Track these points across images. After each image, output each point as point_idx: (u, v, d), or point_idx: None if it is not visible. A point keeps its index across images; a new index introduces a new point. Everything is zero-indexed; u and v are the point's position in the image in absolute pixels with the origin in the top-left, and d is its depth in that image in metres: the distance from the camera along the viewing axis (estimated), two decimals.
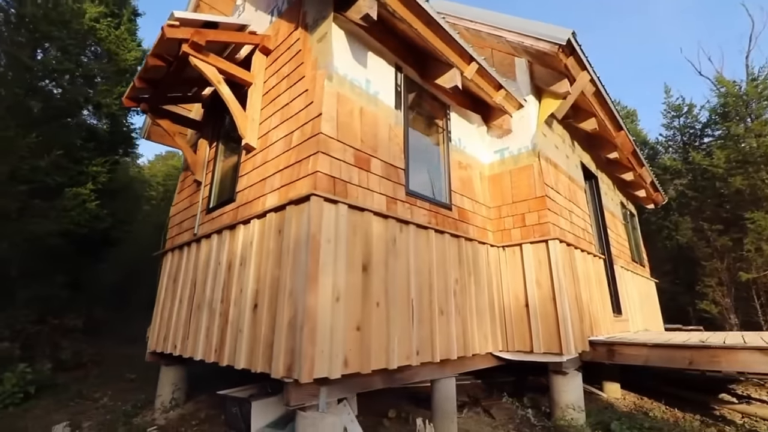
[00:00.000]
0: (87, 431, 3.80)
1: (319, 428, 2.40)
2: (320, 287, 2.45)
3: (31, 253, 5.94)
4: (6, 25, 5.58)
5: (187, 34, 3.18)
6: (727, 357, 3.40)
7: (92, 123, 6.58)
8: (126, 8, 7.12)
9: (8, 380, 4.63)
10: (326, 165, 2.76)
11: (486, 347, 3.92)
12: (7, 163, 5.04)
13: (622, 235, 7.32)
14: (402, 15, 3.19)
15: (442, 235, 3.66)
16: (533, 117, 4.65)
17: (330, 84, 2.98)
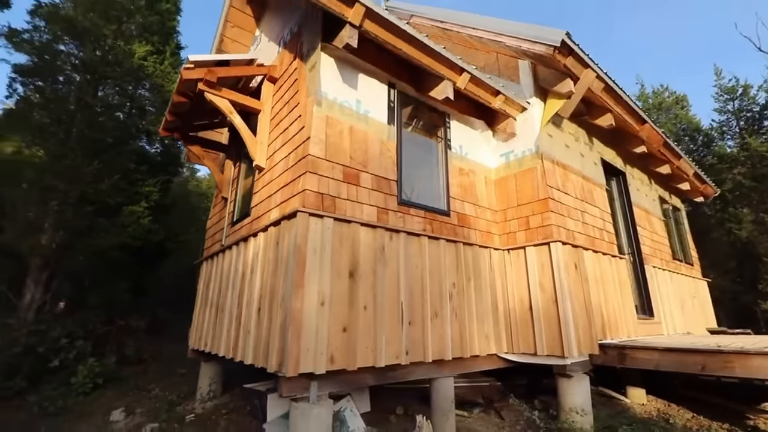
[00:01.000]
0: (138, 416, 4.44)
1: (308, 417, 2.71)
2: (306, 293, 2.77)
3: (99, 264, 6.94)
4: (73, 70, 6.61)
5: (201, 74, 3.68)
6: (741, 362, 3.22)
7: (144, 148, 7.57)
8: (169, 44, 8.09)
9: (81, 372, 5.49)
10: (314, 183, 3.08)
11: (488, 349, 4.02)
12: (77, 188, 6.00)
13: (660, 232, 6.89)
14: (384, 38, 3.44)
15: (436, 241, 3.83)
16: (537, 119, 4.65)
17: (319, 109, 3.31)
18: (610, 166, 6.06)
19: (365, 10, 3.17)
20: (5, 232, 6.00)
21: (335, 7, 3.09)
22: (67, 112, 6.28)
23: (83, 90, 6.42)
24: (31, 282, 6.20)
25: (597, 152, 5.72)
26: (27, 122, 6.14)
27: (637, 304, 5.80)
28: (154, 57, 7.63)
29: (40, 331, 5.85)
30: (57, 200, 5.91)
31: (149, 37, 7.62)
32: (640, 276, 5.88)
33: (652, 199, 7.17)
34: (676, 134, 13.12)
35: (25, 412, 4.70)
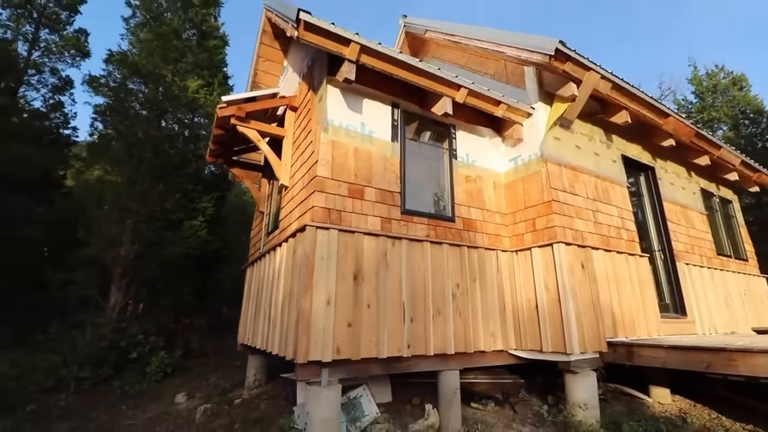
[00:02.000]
0: (197, 399, 5.27)
1: (319, 398, 3.23)
2: (314, 294, 3.29)
3: (167, 271, 8.09)
4: (141, 107, 7.83)
5: (232, 111, 4.38)
6: (745, 360, 3.21)
7: (199, 170, 8.70)
8: (217, 76, 9.20)
9: (154, 363, 6.52)
10: (321, 200, 3.61)
11: (494, 345, 4.28)
12: (147, 207, 7.13)
13: (700, 227, 6.55)
14: (381, 68, 3.88)
15: (439, 246, 4.18)
16: (542, 124, 4.80)
17: (326, 135, 3.83)
18: (635, 162, 5.94)
19: (360, 47, 3.64)
20: (93, 246, 7.31)
21: (333, 47, 3.59)
22: (138, 143, 7.49)
23: (149, 123, 7.62)
24: (114, 287, 7.45)
25: (616, 149, 5.66)
26: (106, 153, 7.44)
27: (669, 302, 5.66)
28: (204, 89, 8.75)
29: (122, 329, 7.03)
30: (132, 218, 7.09)
31: (200, 71, 8.76)
32: (671, 274, 5.70)
33: (692, 192, 6.82)
34: (734, 118, 11.93)
35: (111, 395, 5.76)
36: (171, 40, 8.06)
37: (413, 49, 7.89)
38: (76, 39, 10.24)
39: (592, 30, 48.69)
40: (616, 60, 42.51)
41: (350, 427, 3.77)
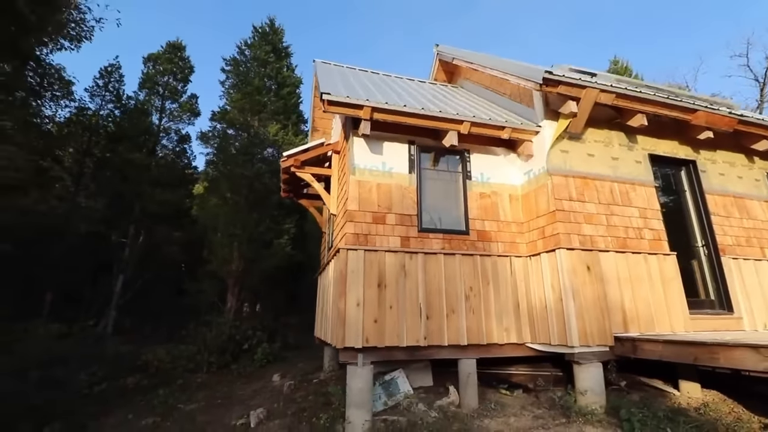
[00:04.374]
0: (287, 379, 6.90)
1: (355, 374, 4.42)
2: (347, 299, 4.50)
3: (266, 281, 10.17)
4: (237, 152, 10.05)
5: (291, 162, 5.87)
6: (725, 354, 3.50)
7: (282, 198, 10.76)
8: (291, 119, 11.12)
9: (259, 352, 8.46)
10: (351, 228, 4.81)
11: (508, 338, 4.99)
12: (246, 231, 9.20)
13: (763, 217, 6.14)
14: (392, 119, 4.94)
15: (452, 256, 5.06)
16: (548, 140, 5.31)
17: (353, 177, 5.04)
18: (670, 159, 5.94)
19: (371, 108, 4.77)
20: (213, 263, 9.67)
21: (350, 112, 4.79)
22: (237, 182, 9.68)
23: (244, 166, 9.76)
24: (230, 295, 9.71)
25: (641, 150, 5.77)
26: (217, 191, 9.79)
27: (714, 299, 5.58)
28: (282, 132, 10.73)
29: (237, 326, 9.17)
30: (236, 241, 9.24)
31: (278, 117, 10.77)
32: (716, 270, 5.60)
33: (754, 180, 6.40)
34: None
35: (230, 375, 7.77)
36: (254, 96, 10.19)
37: (448, 73, 8.69)
38: (190, 104, 13.38)
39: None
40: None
41: (387, 401, 4.89)
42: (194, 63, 14.19)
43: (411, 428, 4.26)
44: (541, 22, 65.64)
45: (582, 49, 58.15)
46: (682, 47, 44.23)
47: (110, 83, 14.28)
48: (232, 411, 5.54)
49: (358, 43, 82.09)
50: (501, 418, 4.45)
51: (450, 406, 4.77)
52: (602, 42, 55.03)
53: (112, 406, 6.06)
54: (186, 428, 5.15)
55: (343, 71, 7.12)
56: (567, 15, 63.75)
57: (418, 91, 6.82)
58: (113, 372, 7.30)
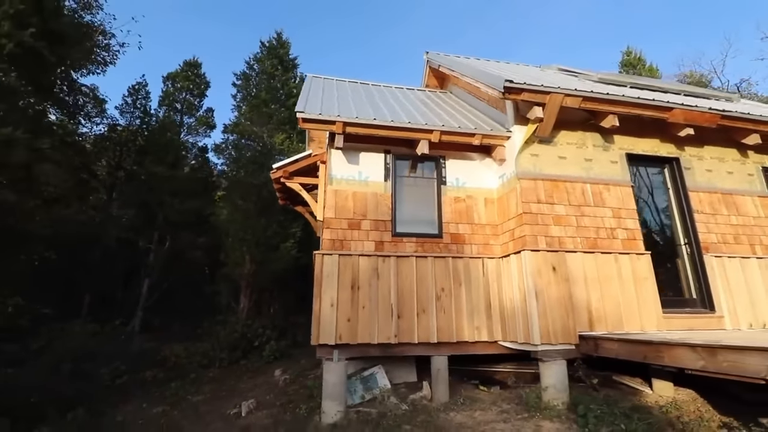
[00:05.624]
0: (287, 374, 7.40)
1: (331, 369, 4.81)
2: (322, 300, 4.90)
3: (276, 282, 10.79)
4: (247, 162, 10.74)
5: (280, 173, 6.34)
6: (668, 353, 3.63)
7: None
8: (296, 127, 11.70)
9: (267, 350, 9.03)
10: (328, 234, 5.21)
11: (479, 337, 5.22)
12: (255, 236, 9.84)
13: (753, 213, 5.99)
14: (365, 132, 5.29)
15: (425, 259, 5.35)
16: (518, 144, 5.48)
17: (331, 186, 5.43)
18: (650, 157, 5.94)
19: (343, 123, 5.14)
20: (228, 266, 10.37)
21: (324, 127, 5.19)
22: (248, 191, 10.35)
23: (254, 175, 10.42)
24: (242, 295, 10.38)
25: (618, 150, 5.80)
26: (229, 200, 10.49)
27: (696, 297, 5.55)
28: (287, 141, 11.32)
29: (248, 325, 9.80)
30: (245, 245, 9.89)
31: (284, 127, 11.36)
32: (698, 268, 5.56)
33: (746, 175, 6.25)
34: None
35: (239, 370, 8.39)
36: (261, 108, 10.84)
37: (438, 79, 8.91)
38: (206, 117, 14.33)
39: None
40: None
41: (365, 394, 5.26)
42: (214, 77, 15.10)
43: (380, 419, 4.60)
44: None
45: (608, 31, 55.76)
46: (709, 31, 41.74)
47: (138, 100, 15.47)
48: (231, 402, 6.08)
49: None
50: (467, 412, 4.70)
51: (422, 400, 5.07)
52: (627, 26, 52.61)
53: (131, 396, 6.78)
54: (188, 416, 5.74)
55: (331, 84, 7.53)
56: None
57: (403, 101, 7.11)
58: (135, 366, 8.09)
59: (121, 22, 15.80)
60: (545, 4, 72.83)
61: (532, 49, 77.68)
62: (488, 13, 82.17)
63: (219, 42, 67.15)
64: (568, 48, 66.89)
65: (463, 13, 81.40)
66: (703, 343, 3.30)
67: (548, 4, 71.64)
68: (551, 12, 70.11)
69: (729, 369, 3.10)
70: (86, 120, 14.07)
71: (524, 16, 78.61)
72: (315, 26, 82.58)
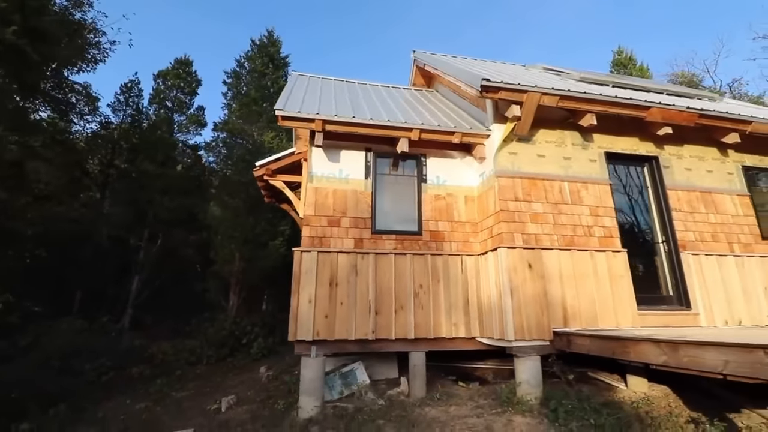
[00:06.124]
0: (272, 370, 7.44)
1: (308, 364, 4.86)
2: (300, 296, 4.94)
3: (265, 279, 10.82)
4: (237, 159, 10.76)
5: (263, 171, 6.37)
6: (634, 348, 3.67)
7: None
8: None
9: (255, 347, 9.07)
10: (307, 231, 5.25)
11: (457, 333, 5.27)
12: (243, 234, 9.86)
13: (731, 211, 6.05)
14: (344, 130, 5.33)
15: (404, 256, 5.39)
16: (497, 143, 5.52)
17: (311, 184, 5.47)
18: (628, 156, 5.98)
19: (322, 121, 5.18)
20: (217, 263, 10.40)
21: (304, 125, 5.22)
22: (237, 189, 10.40)
23: (242, 173, 10.44)
24: (231, 293, 10.42)
25: (597, 148, 5.84)
26: (219, 199, 10.54)
27: (673, 295, 5.61)
28: (276, 139, 11.35)
29: (237, 322, 9.84)
30: (234, 243, 9.92)
31: (272, 125, 11.38)
32: (675, 266, 5.62)
33: (725, 173, 6.30)
34: None
35: (226, 367, 8.43)
36: (251, 107, 10.87)
37: (426, 77, 8.94)
38: (196, 116, 14.35)
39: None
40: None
41: (344, 390, 5.31)
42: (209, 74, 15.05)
43: (356, 414, 4.64)
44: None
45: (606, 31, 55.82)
46: (702, 31, 41.87)
47: (130, 98, 15.46)
48: (215, 398, 6.12)
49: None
50: (442, 407, 4.75)
51: (400, 396, 5.12)
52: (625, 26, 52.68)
53: (115, 393, 6.82)
54: (170, 411, 5.78)
55: (316, 83, 7.56)
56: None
57: (387, 99, 7.15)
58: (122, 363, 8.13)
59: (113, 19, 15.77)
60: (542, 4, 72.87)
61: (530, 49, 77.89)
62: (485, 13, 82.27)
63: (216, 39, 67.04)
64: (565, 48, 66.99)
65: (460, 13, 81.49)
66: (666, 339, 3.35)
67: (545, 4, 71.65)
68: (549, 12, 70.17)
69: (689, 364, 3.15)
70: (78, 118, 14.08)
71: (521, 17, 78.70)
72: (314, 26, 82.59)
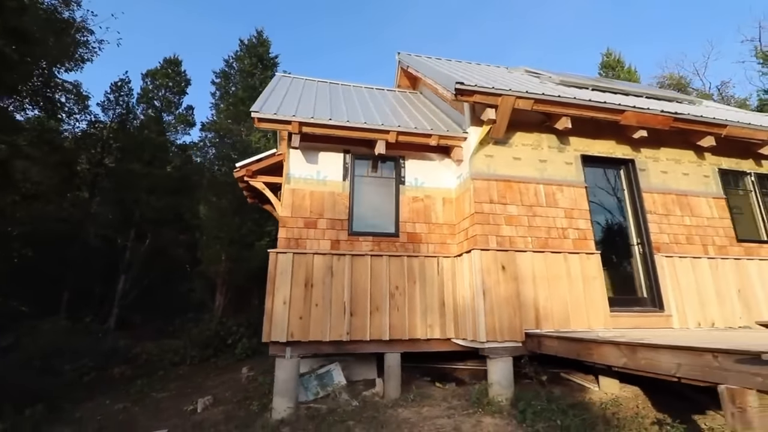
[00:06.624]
0: (254, 371, 7.45)
1: (282, 366, 4.88)
2: (275, 297, 4.96)
3: (252, 280, 10.83)
4: (224, 160, 10.76)
5: (243, 172, 6.37)
6: (597, 350, 3.73)
7: None
8: None
9: (239, 347, 9.08)
10: (284, 233, 5.27)
11: (432, 334, 5.30)
12: (229, 234, 9.86)
13: (707, 213, 6.12)
14: (321, 132, 5.35)
15: (380, 258, 5.42)
16: (472, 145, 5.56)
17: (288, 186, 5.49)
18: (605, 159, 6.04)
19: (299, 123, 5.20)
20: (203, 263, 10.39)
21: (280, 127, 5.24)
22: (223, 189, 10.39)
23: (229, 174, 10.42)
24: (218, 293, 10.42)
25: (573, 151, 5.89)
26: (205, 199, 10.56)
27: (647, 296, 5.67)
28: (263, 140, 11.36)
29: (223, 323, 9.85)
30: (220, 243, 9.93)
31: None
32: (649, 268, 5.68)
33: (702, 176, 6.37)
34: None
35: (209, 368, 8.43)
36: (238, 107, 10.87)
37: (411, 79, 8.96)
38: (185, 115, 14.34)
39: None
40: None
41: (320, 391, 5.34)
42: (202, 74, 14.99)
43: (328, 415, 4.67)
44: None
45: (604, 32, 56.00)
46: (695, 32, 42.22)
47: (120, 97, 15.41)
48: (193, 399, 6.13)
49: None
50: (415, 408, 4.78)
51: (374, 397, 5.15)
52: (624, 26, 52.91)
53: (96, 393, 6.81)
54: (148, 412, 5.79)
55: (298, 84, 7.58)
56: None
57: (369, 101, 7.17)
58: (105, 363, 8.12)
59: (102, 18, 15.71)
60: (540, 4, 73.06)
61: (527, 50, 77.98)
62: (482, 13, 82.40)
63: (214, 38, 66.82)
64: (563, 49, 67.15)
65: (456, 13, 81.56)
66: (626, 341, 3.40)
67: (543, 4, 71.84)
68: (546, 13, 70.32)
69: (646, 366, 3.20)
70: (68, 117, 14.02)
71: (519, 17, 78.84)
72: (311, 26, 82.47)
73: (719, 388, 2.58)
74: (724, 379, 2.59)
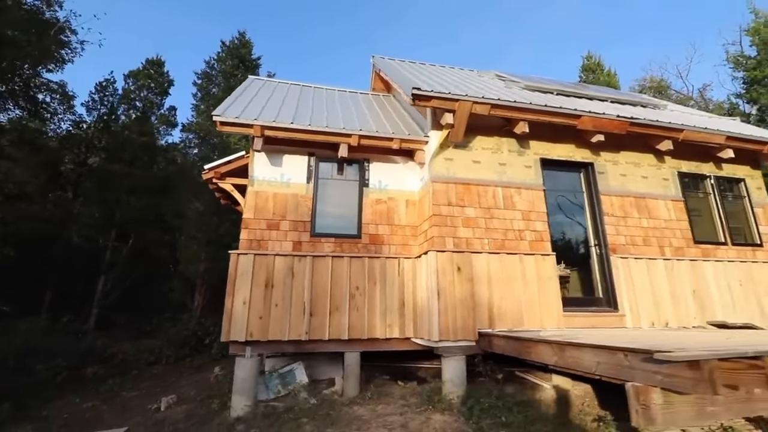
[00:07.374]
0: (225, 372, 7.53)
1: (242, 364, 4.98)
2: (235, 298, 5.06)
3: None
4: (198, 160, 10.82)
5: (211, 174, 6.47)
6: (534, 349, 3.86)
7: None
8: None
9: (215, 348, 9.16)
10: (246, 234, 5.37)
11: (392, 334, 5.42)
12: (206, 235, 9.94)
13: (665, 216, 6.27)
14: (284, 136, 5.46)
15: (341, 259, 5.53)
16: (433, 149, 5.68)
17: (252, 188, 5.59)
18: (564, 163, 6.17)
19: (261, 126, 5.30)
20: (182, 263, 10.46)
21: (242, 130, 5.34)
22: (201, 189, 10.46)
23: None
24: (197, 293, 10.49)
25: (533, 155, 6.03)
26: (185, 200, 10.70)
27: (603, 297, 5.81)
28: (243, 141, 11.44)
29: (201, 323, 9.93)
30: (197, 243, 10.01)
31: None
32: (605, 269, 5.82)
33: (661, 179, 6.53)
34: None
35: (184, 367, 8.51)
36: None
37: (384, 82, 9.07)
38: (167, 116, 14.42)
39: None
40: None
41: (281, 389, 5.44)
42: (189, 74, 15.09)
43: (284, 413, 4.78)
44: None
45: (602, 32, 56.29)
46: (675, 36, 42.69)
47: (105, 97, 15.42)
48: (160, 398, 6.22)
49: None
50: (371, 406, 4.90)
51: (333, 395, 5.27)
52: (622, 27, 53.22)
53: (67, 392, 6.88)
54: (115, 410, 5.88)
55: (270, 87, 7.67)
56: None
57: (337, 104, 7.28)
58: (80, 363, 8.18)
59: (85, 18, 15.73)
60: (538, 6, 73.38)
61: (526, 51, 78.35)
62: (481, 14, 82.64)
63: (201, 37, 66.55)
64: (561, 50, 67.48)
65: (455, 13, 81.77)
66: (557, 340, 3.54)
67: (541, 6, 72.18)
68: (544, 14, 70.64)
69: (572, 364, 3.33)
70: (52, 117, 14.03)
71: (517, 18, 79.13)
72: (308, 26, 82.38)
73: (626, 386, 2.71)
74: (631, 377, 2.71)
